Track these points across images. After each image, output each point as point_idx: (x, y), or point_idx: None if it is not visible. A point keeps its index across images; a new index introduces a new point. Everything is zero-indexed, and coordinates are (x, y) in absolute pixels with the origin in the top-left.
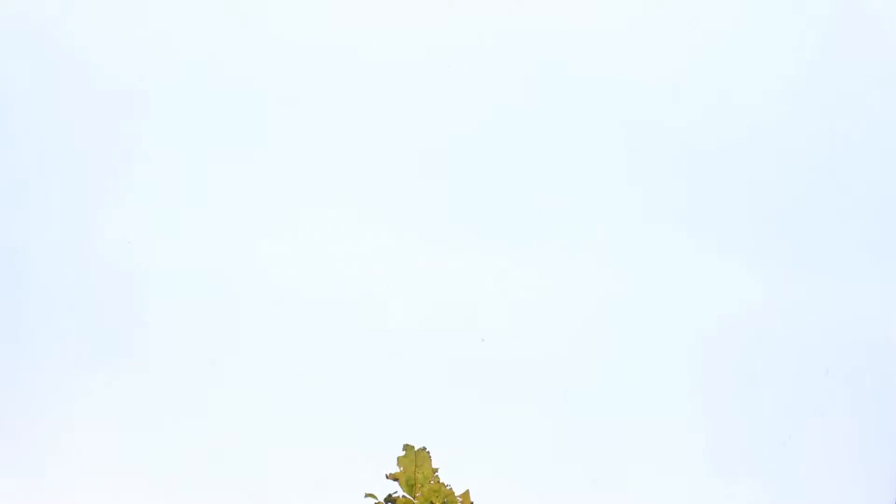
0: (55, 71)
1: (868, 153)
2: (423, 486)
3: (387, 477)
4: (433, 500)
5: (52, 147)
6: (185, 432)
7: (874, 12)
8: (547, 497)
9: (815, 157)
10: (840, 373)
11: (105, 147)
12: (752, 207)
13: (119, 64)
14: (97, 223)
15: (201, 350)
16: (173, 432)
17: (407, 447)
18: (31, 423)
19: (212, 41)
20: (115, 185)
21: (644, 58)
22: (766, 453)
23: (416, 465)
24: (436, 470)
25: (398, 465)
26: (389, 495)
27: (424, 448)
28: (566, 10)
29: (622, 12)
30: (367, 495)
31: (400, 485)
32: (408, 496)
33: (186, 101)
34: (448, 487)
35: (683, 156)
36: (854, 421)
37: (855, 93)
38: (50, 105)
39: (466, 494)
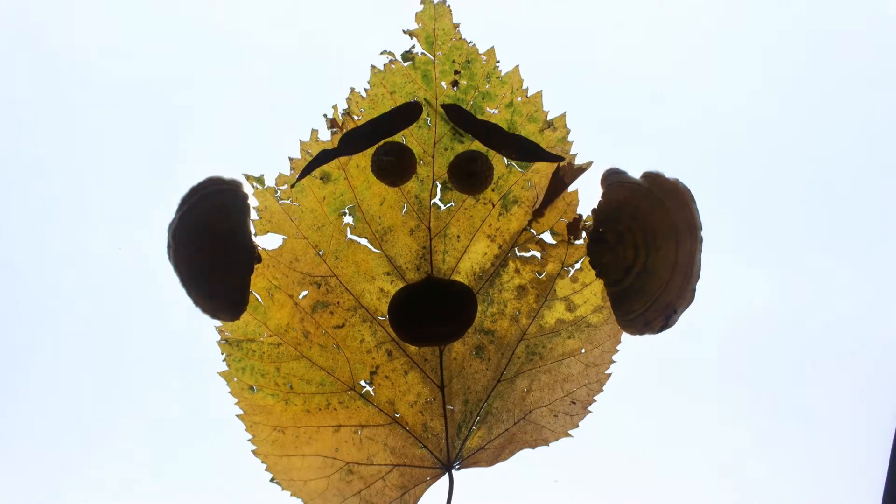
0: None
1: (870, 152)
2: (443, 43)
3: (404, 33)
4: (455, 58)
5: None
6: None
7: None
8: None
9: (817, 155)
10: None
11: None
12: (755, 206)
13: None
14: None
15: None
16: None
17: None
18: None
19: None
20: None
21: (644, 55)
22: (769, 451)
23: (434, 20)
24: (457, 25)
25: (416, 20)
26: (406, 52)
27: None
28: (564, 8)
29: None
30: (384, 53)
31: (419, 41)
32: (427, 54)
33: None
34: (471, 45)
35: (685, 154)
36: (846, 413)
37: (856, 92)
38: None
39: (491, 52)
